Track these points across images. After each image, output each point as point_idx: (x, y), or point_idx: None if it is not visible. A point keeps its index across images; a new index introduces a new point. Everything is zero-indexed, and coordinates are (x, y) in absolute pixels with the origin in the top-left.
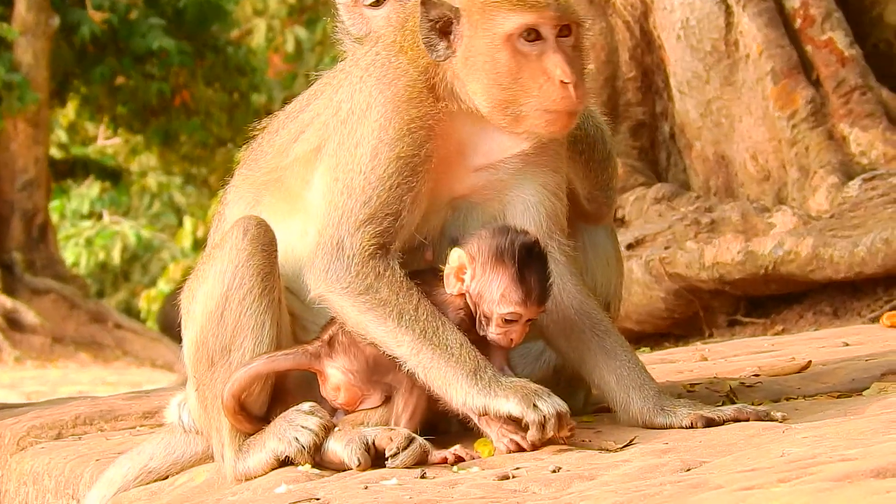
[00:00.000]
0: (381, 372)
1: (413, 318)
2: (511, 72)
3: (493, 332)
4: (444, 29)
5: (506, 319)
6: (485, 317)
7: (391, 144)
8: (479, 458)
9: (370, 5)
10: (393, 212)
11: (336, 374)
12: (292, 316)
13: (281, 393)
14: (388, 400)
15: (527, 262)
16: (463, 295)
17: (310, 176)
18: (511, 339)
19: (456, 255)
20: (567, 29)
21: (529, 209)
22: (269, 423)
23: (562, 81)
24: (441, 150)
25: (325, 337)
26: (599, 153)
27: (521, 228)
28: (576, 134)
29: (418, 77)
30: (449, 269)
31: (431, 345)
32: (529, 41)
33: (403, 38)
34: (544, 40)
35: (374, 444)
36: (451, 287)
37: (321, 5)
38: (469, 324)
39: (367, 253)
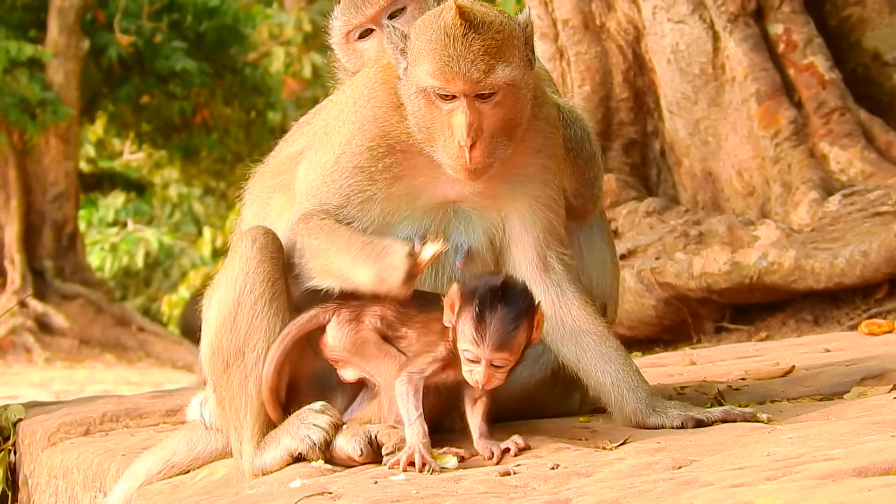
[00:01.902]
0: (364, 356)
1: (318, 254)
2: (425, 117)
3: (463, 370)
4: (404, 52)
5: (467, 358)
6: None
7: (352, 156)
8: (476, 455)
9: (359, 38)
10: (336, 203)
11: (329, 335)
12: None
13: (295, 393)
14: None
15: (490, 304)
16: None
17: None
18: (476, 381)
19: (453, 289)
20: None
21: (526, 222)
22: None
23: (459, 143)
24: (410, 161)
25: (339, 301)
26: (586, 153)
27: (508, 274)
28: (565, 134)
29: (387, 98)
30: (447, 301)
31: (333, 247)
32: (443, 98)
33: (387, 62)
34: (458, 99)
35: (376, 438)
36: (446, 319)
37: None
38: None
39: (299, 221)
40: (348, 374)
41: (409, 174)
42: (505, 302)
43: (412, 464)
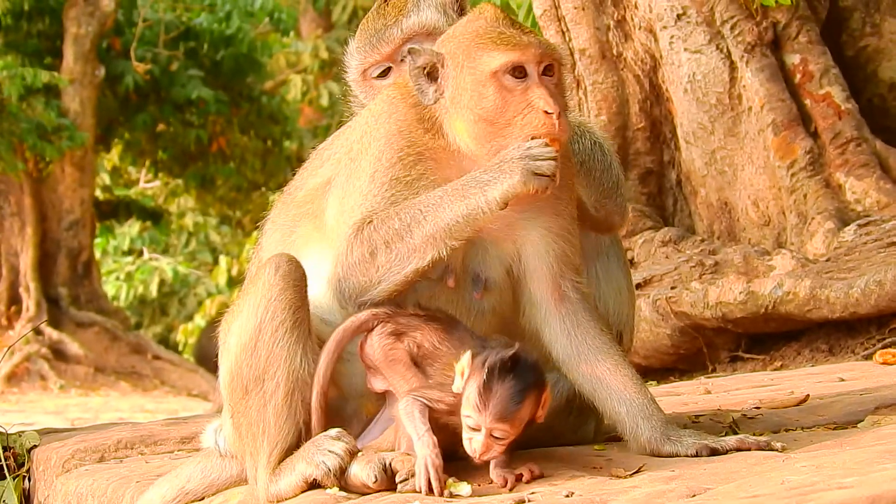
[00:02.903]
0: (394, 372)
1: (409, 229)
2: (497, 106)
3: (463, 437)
4: (432, 74)
5: (468, 425)
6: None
7: (385, 170)
8: (490, 484)
9: (377, 77)
10: (382, 207)
11: (369, 341)
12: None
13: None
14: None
15: (498, 374)
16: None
17: (326, 206)
18: (474, 450)
19: (465, 357)
20: (550, 69)
21: (539, 253)
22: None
23: (545, 111)
24: (438, 172)
25: (392, 311)
26: (599, 163)
27: (522, 347)
28: (575, 147)
29: (408, 112)
30: (459, 368)
31: (435, 221)
32: (515, 77)
33: (403, 82)
34: (528, 77)
35: (391, 465)
36: (456, 385)
37: None
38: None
39: (355, 231)
40: (378, 384)
41: (435, 185)
42: (514, 374)
43: (428, 484)
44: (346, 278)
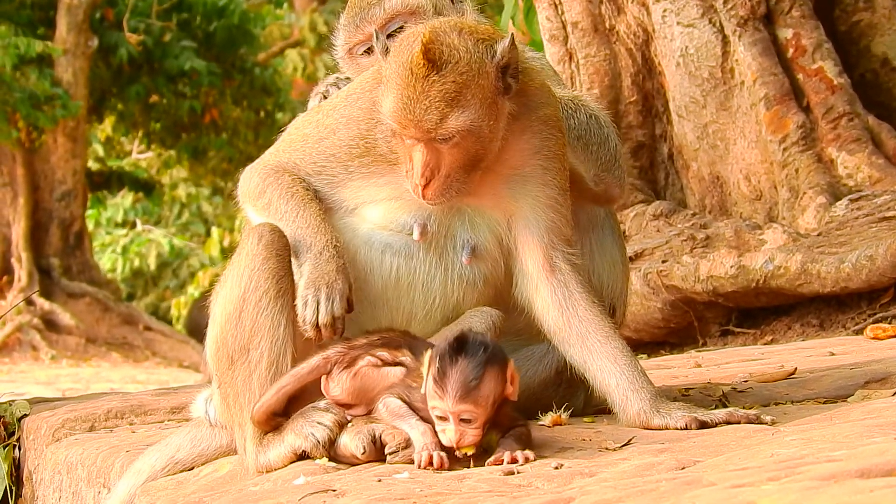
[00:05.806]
0: (367, 391)
1: (286, 215)
2: (391, 142)
3: (437, 432)
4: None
5: (436, 416)
6: None
7: (331, 145)
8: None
9: (362, 54)
10: (306, 171)
11: (331, 386)
12: None
13: (300, 390)
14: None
15: (449, 356)
16: None
17: None
18: (449, 440)
19: (426, 355)
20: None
21: (529, 223)
22: (288, 417)
23: (414, 182)
24: (380, 164)
25: (343, 348)
26: (596, 136)
27: (469, 329)
28: (570, 122)
29: (374, 103)
30: (424, 369)
31: (278, 210)
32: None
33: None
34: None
35: (380, 437)
36: (423, 386)
37: None
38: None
39: (269, 166)
40: (357, 410)
41: (391, 173)
42: (464, 353)
43: (431, 463)
44: (244, 181)
